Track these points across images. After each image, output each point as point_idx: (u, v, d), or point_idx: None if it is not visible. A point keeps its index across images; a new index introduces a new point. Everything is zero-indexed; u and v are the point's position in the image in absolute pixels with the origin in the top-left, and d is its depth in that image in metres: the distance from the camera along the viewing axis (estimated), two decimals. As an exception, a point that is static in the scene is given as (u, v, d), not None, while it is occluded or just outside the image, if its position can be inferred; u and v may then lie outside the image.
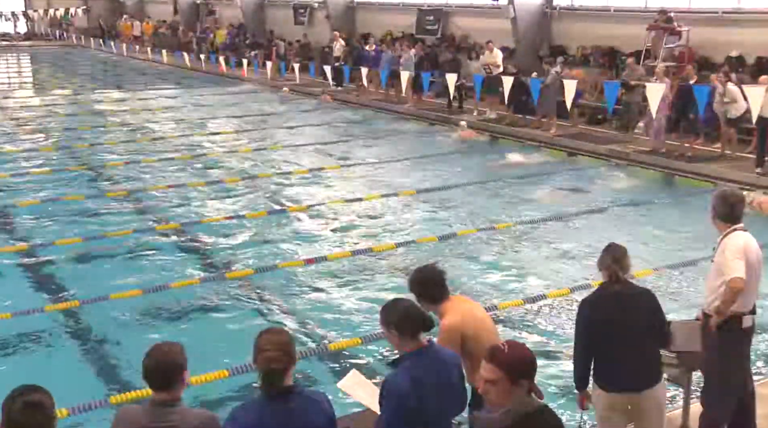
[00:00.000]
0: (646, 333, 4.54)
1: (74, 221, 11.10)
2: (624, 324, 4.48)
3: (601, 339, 4.50)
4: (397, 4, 26.99)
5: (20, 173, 14.02)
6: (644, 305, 4.60)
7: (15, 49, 41.59)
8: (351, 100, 22.43)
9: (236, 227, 10.74)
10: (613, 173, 14.10)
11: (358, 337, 7.24)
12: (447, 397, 3.98)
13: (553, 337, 7.33)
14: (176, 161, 15.06)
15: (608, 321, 4.49)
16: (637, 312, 4.55)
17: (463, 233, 10.34)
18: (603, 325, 4.49)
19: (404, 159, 15.35)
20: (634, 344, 4.49)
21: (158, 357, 3.49)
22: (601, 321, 4.50)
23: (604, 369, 4.54)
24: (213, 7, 38.05)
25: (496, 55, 18.66)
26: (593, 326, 4.52)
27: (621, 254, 4.62)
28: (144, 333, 7.46)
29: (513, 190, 12.89)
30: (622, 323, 4.48)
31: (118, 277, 8.83)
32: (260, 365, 3.45)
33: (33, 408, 3.07)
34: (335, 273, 9.02)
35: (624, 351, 4.47)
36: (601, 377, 4.57)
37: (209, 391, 6.24)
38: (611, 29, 19.55)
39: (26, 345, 7.24)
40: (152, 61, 33.85)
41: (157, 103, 23.17)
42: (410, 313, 3.95)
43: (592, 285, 8.39)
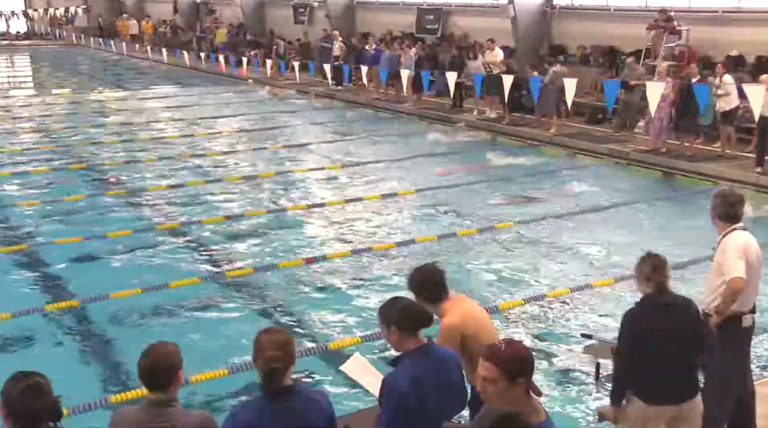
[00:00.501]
0: (688, 343, 4.42)
1: (74, 221, 11.11)
2: (670, 335, 4.34)
3: (646, 351, 4.35)
4: (397, 4, 26.98)
5: (20, 172, 14.02)
6: (687, 315, 4.47)
7: (14, 48, 41.59)
8: (351, 99, 22.43)
9: (236, 226, 10.74)
10: (614, 173, 14.11)
11: (357, 336, 7.24)
12: (447, 396, 3.98)
13: (553, 336, 7.33)
14: (176, 160, 15.06)
15: (654, 331, 4.34)
16: (681, 322, 4.41)
17: (463, 232, 10.33)
18: (649, 336, 4.34)
19: (404, 158, 15.34)
20: (679, 354, 4.37)
21: (154, 357, 3.49)
22: (647, 333, 4.35)
23: (648, 381, 4.39)
24: (213, 7, 38.04)
25: (497, 54, 18.66)
26: (639, 338, 4.37)
27: (661, 263, 4.47)
28: (144, 332, 7.45)
29: (513, 189, 12.89)
30: (668, 333, 4.34)
31: (117, 276, 8.83)
32: (260, 364, 3.45)
33: (34, 391, 3.12)
34: (335, 272, 9.02)
35: (669, 362, 4.35)
36: (644, 390, 4.41)
37: (208, 390, 6.24)
38: (611, 29, 19.54)
39: (26, 345, 7.24)
40: (152, 60, 33.85)
41: (156, 102, 23.16)
42: (409, 311, 3.96)
43: (593, 285, 8.45)
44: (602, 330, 7.10)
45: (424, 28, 25.24)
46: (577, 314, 7.82)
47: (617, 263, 9.28)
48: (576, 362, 6.74)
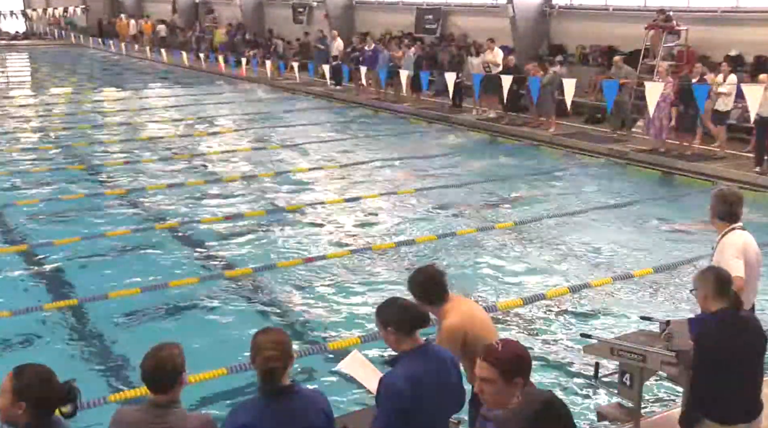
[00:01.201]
0: (757, 360, 4.30)
1: (73, 220, 11.10)
2: (742, 352, 4.20)
3: (719, 370, 4.18)
4: (396, 3, 26.98)
5: (19, 171, 14.01)
6: (756, 330, 4.33)
7: (12, 48, 41.58)
8: (350, 99, 22.43)
9: (235, 226, 10.73)
10: (613, 172, 14.11)
11: (357, 336, 7.24)
12: (445, 396, 3.98)
13: (552, 336, 7.32)
14: (175, 160, 15.06)
15: (727, 349, 4.16)
16: (751, 338, 4.27)
17: (462, 232, 10.33)
18: (722, 354, 4.16)
19: (403, 158, 15.34)
20: (749, 372, 4.27)
21: (157, 359, 3.48)
22: (720, 350, 4.17)
23: (720, 400, 4.21)
24: (212, 6, 38.02)
25: (496, 53, 18.66)
26: (712, 356, 4.18)
27: (728, 277, 4.30)
28: (143, 331, 7.45)
29: (513, 189, 12.90)
30: (741, 350, 4.19)
31: (116, 276, 8.82)
32: (259, 364, 3.45)
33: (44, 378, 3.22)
34: (334, 272, 9.01)
35: (740, 380, 4.22)
36: (717, 409, 4.23)
37: (207, 390, 6.23)
38: (610, 28, 19.55)
39: (25, 344, 7.24)
40: (151, 60, 33.84)
41: (155, 102, 23.16)
42: (407, 311, 3.95)
43: (591, 285, 8.45)
44: (602, 330, 7.11)
45: (424, 28, 25.24)
46: (577, 314, 7.82)
47: (616, 262, 9.30)
48: (575, 361, 6.74)
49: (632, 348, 4.90)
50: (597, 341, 5.30)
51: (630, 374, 4.98)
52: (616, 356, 5.01)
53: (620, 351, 4.95)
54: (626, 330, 6.50)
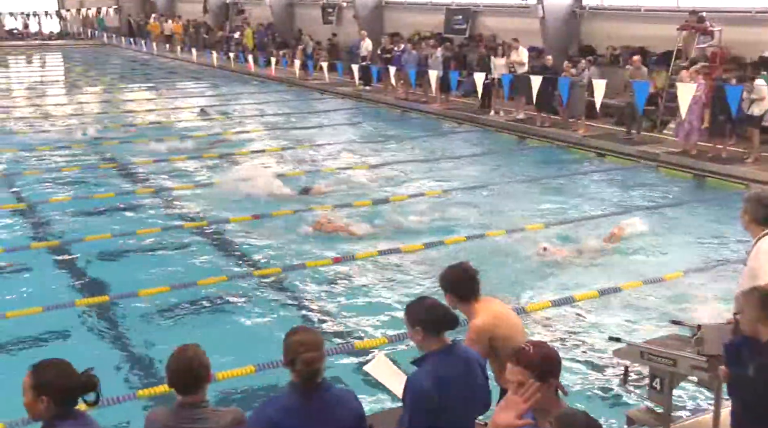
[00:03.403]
0: None
1: (104, 218, 11.23)
2: None
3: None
4: (425, 4, 26.94)
5: (52, 169, 14.21)
6: None
7: (47, 48, 42.23)
8: (379, 99, 22.45)
9: (264, 225, 10.78)
10: (643, 175, 13.97)
11: (384, 336, 7.25)
12: (471, 397, 3.96)
13: (581, 339, 7.27)
14: (204, 160, 15.16)
15: None
16: None
17: (491, 234, 10.28)
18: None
19: (432, 159, 15.33)
20: None
21: (184, 361, 3.52)
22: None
23: None
24: (242, 7, 38.27)
25: (521, 53, 18.57)
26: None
27: None
28: (171, 329, 7.53)
29: (542, 191, 12.82)
30: None
31: (146, 273, 8.91)
32: (301, 365, 3.45)
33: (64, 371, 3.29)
34: (362, 272, 9.02)
35: None
36: None
37: (235, 386, 6.28)
38: (641, 29, 19.35)
39: (56, 339, 7.34)
40: (182, 59, 34.14)
41: (185, 101, 23.35)
42: (436, 311, 3.94)
43: (621, 288, 8.37)
44: (631, 333, 7.04)
45: (453, 28, 25.17)
46: (606, 317, 7.74)
47: (646, 265, 9.20)
48: (604, 365, 6.68)
49: (662, 352, 4.84)
50: (626, 344, 5.24)
51: (660, 378, 4.93)
52: (646, 360, 4.95)
53: (650, 355, 4.90)
54: (656, 334, 6.43)
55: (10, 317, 7.57)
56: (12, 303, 7.88)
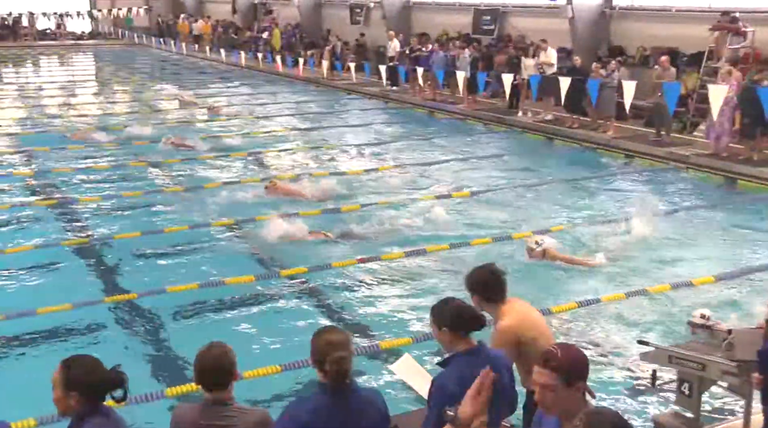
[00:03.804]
0: None
1: (133, 216, 11.34)
2: None
3: None
4: (453, 4, 26.88)
5: (82, 168, 14.38)
6: None
7: (79, 47, 42.80)
8: (406, 100, 22.44)
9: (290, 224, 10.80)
10: (673, 177, 13.83)
11: (409, 337, 7.24)
12: (497, 399, 3.94)
13: (608, 342, 7.20)
14: (232, 159, 15.25)
15: None
16: None
17: (518, 236, 10.23)
18: None
19: (458, 160, 15.30)
20: None
21: (212, 358, 3.55)
22: None
23: None
24: (270, 7, 38.47)
25: (550, 54, 18.47)
26: None
27: None
28: (199, 326, 7.59)
29: (569, 192, 12.73)
30: None
31: (174, 271, 8.99)
32: (331, 365, 3.45)
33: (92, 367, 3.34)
34: (388, 273, 9.02)
35: None
36: None
37: (261, 386, 6.30)
38: (672, 30, 19.14)
39: (86, 335, 7.42)
40: (210, 59, 34.41)
41: (213, 101, 23.51)
42: (462, 312, 3.93)
43: (648, 291, 8.29)
44: (659, 337, 6.97)
45: (481, 28, 25.10)
46: (634, 320, 7.67)
47: (675, 269, 9.10)
48: (632, 369, 6.62)
49: (691, 356, 4.79)
50: (654, 348, 5.20)
51: (689, 383, 4.87)
52: (675, 364, 4.91)
53: (679, 360, 4.85)
54: (684, 338, 6.37)
55: (41, 313, 7.66)
56: (42, 300, 7.97)
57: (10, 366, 6.86)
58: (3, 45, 41.30)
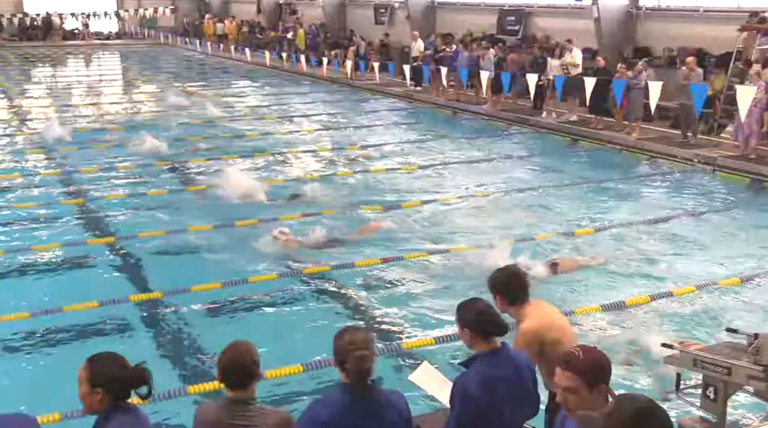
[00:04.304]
0: None
1: (158, 215, 11.42)
2: None
3: None
4: (477, 4, 26.82)
5: (107, 168, 14.50)
6: None
7: (106, 47, 43.27)
8: (430, 100, 22.42)
9: (313, 224, 10.82)
10: (699, 179, 13.69)
11: (431, 337, 7.23)
12: (519, 400, 3.94)
13: (632, 345, 7.15)
14: (255, 159, 15.32)
15: None
16: None
17: (541, 237, 10.19)
18: None
19: (481, 160, 15.26)
20: None
21: (235, 356, 3.56)
22: None
23: None
24: (295, 7, 38.61)
25: (575, 55, 18.36)
26: None
27: None
28: (223, 325, 7.64)
29: (593, 194, 12.66)
30: None
31: (198, 270, 9.04)
32: (353, 364, 3.46)
33: (117, 363, 3.38)
34: (411, 273, 9.02)
35: None
36: None
37: (283, 385, 6.33)
38: (700, 30, 18.94)
39: (111, 333, 7.49)
40: (235, 59, 34.59)
41: (238, 100, 23.64)
42: (485, 315, 3.93)
43: (673, 293, 8.22)
44: (683, 339, 6.90)
45: (505, 29, 25.01)
46: (658, 323, 7.61)
47: (699, 272, 9.02)
48: (656, 371, 6.56)
49: (716, 360, 4.73)
50: (679, 351, 5.14)
51: (714, 387, 4.82)
52: (699, 368, 4.85)
53: (704, 363, 4.79)
54: (710, 341, 6.30)
55: (67, 311, 7.76)
56: (69, 298, 8.07)
57: (37, 362, 6.95)
58: (32, 45, 41.83)
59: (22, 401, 5.72)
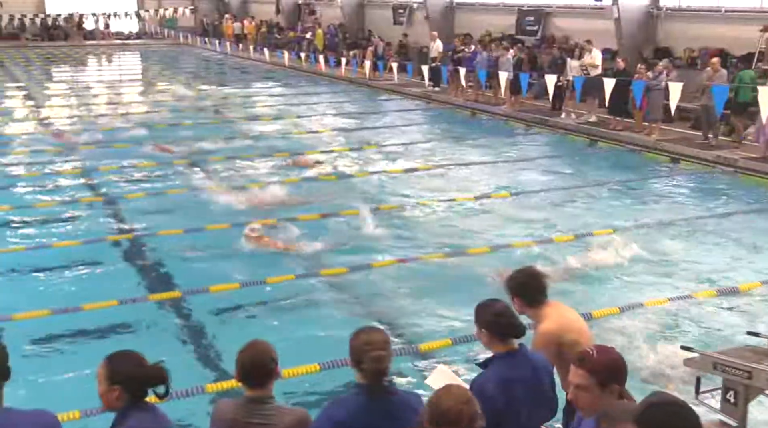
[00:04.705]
0: None
1: (177, 214, 11.48)
2: None
3: None
4: (496, 5, 26.75)
5: (127, 166, 14.60)
6: None
7: (126, 47, 43.61)
8: (448, 100, 22.39)
9: (331, 224, 10.85)
10: (720, 181, 13.58)
11: (448, 338, 7.22)
12: (537, 401, 3.92)
13: (650, 348, 7.09)
14: (274, 158, 15.36)
15: None
16: None
17: (559, 239, 10.14)
18: None
19: (500, 161, 15.22)
20: None
21: (254, 355, 3.57)
22: None
23: None
24: (314, 7, 38.70)
25: (594, 56, 18.27)
26: None
27: None
28: (240, 325, 7.66)
29: (612, 196, 12.58)
30: None
31: (217, 269, 9.07)
32: (369, 364, 3.46)
33: (137, 362, 3.39)
34: (428, 274, 9.00)
35: None
36: None
37: (299, 385, 6.34)
38: (721, 31, 18.78)
39: (130, 332, 7.53)
40: (254, 59, 34.72)
41: (257, 100, 23.73)
42: (503, 317, 3.91)
43: (693, 296, 8.15)
44: (703, 343, 6.85)
45: (524, 29, 24.94)
46: (677, 326, 7.55)
47: (720, 275, 8.94)
48: (675, 375, 6.51)
49: (737, 363, 4.70)
50: (698, 355, 5.10)
51: (734, 391, 4.78)
52: (719, 371, 4.81)
53: (724, 367, 4.76)
54: (731, 345, 6.24)
55: (87, 309, 7.82)
56: (88, 296, 8.13)
57: (56, 359, 7.01)
58: (54, 45, 42.23)
59: (42, 398, 5.76)
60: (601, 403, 3.10)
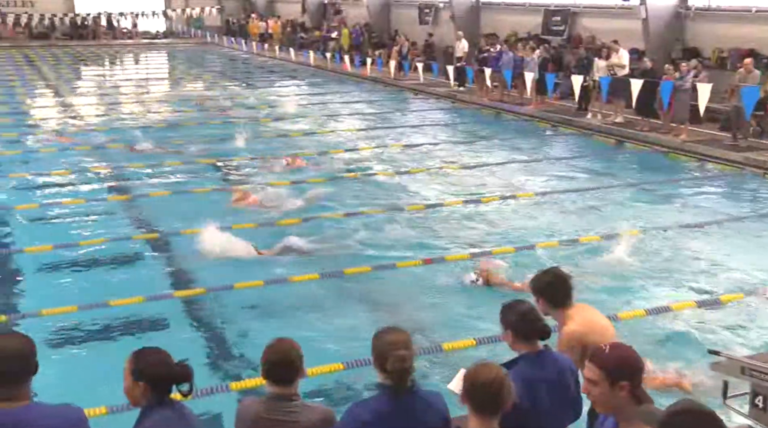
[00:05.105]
0: None
1: (201, 212, 11.51)
2: None
3: None
4: (522, 4, 26.62)
5: (153, 165, 14.71)
6: None
7: (153, 46, 44.02)
8: (473, 100, 22.33)
9: (354, 224, 10.86)
10: (749, 183, 13.41)
11: (472, 338, 7.19)
12: (561, 402, 3.91)
13: (677, 351, 7.02)
14: (296, 157, 15.36)
15: None
16: None
17: (584, 240, 10.08)
18: None
19: (525, 161, 15.15)
20: None
21: (281, 352, 3.58)
22: None
23: None
24: (339, 7, 38.78)
25: (621, 56, 18.11)
26: None
27: None
28: (264, 323, 7.68)
29: (639, 197, 12.47)
30: None
31: (241, 267, 9.12)
32: (393, 364, 3.46)
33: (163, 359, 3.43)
34: (452, 274, 8.98)
35: None
36: None
37: (324, 383, 6.36)
38: (751, 31, 18.54)
39: (155, 328, 7.60)
40: (280, 59, 34.87)
41: (282, 100, 23.81)
42: (528, 318, 3.91)
43: (721, 300, 8.05)
44: (730, 347, 6.77)
45: (550, 29, 24.80)
46: (704, 329, 7.46)
47: (750, 277, 8.83)
48: (702, 379, 6.44)
49: (765, 368, 4.63)
50: (726, 359, 5.04)
51: (762, 396, 4.71)
52: (748, 376, 4.75)
53: (752, 371, 4.69)
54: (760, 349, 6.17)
55: (113, 305, 7.90)
56: (115, 292, 8.22)
57: (83, 355, 7.09)
58: (83, 44, 42.71)
59: (69, 393, 5.81)
60: (612, 399, 3.12)
